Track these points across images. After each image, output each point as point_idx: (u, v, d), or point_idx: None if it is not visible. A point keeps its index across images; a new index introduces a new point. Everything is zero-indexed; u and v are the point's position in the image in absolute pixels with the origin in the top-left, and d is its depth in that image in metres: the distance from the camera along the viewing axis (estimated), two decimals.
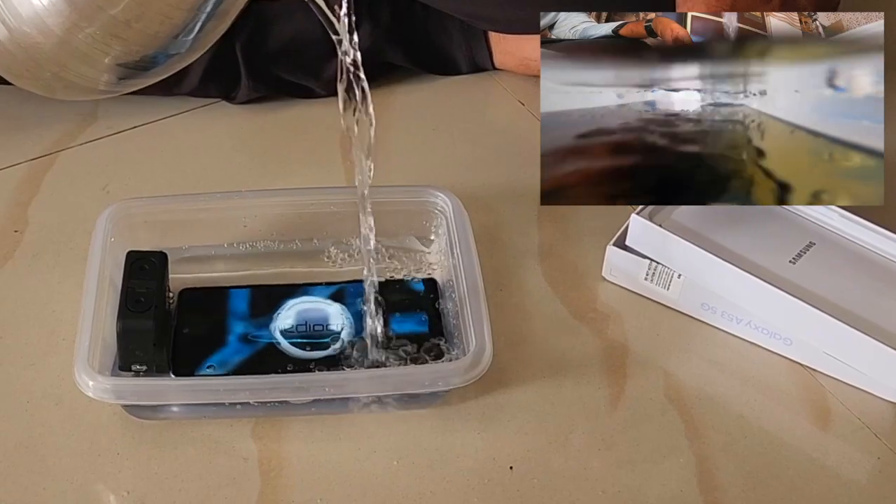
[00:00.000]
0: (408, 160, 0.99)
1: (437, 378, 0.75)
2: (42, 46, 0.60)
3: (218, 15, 0.62)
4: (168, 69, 0.65)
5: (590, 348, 0.83)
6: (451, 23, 1.06)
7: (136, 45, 0.61)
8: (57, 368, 0.79)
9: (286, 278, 0.85)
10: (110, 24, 0.59)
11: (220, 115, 1.04)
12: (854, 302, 0.79)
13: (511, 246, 0.90)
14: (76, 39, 0.59)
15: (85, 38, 0.59)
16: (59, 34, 0.59)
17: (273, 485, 0.73)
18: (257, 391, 0.74)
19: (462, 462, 0.75)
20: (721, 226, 0.84)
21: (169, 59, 0.64)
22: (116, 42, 0.60)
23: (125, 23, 0.59)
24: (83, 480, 0.73)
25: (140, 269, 0.78)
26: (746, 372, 0.81)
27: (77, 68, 0.61)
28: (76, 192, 0.94)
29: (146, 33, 0.61)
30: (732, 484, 0.74)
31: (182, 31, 0.62)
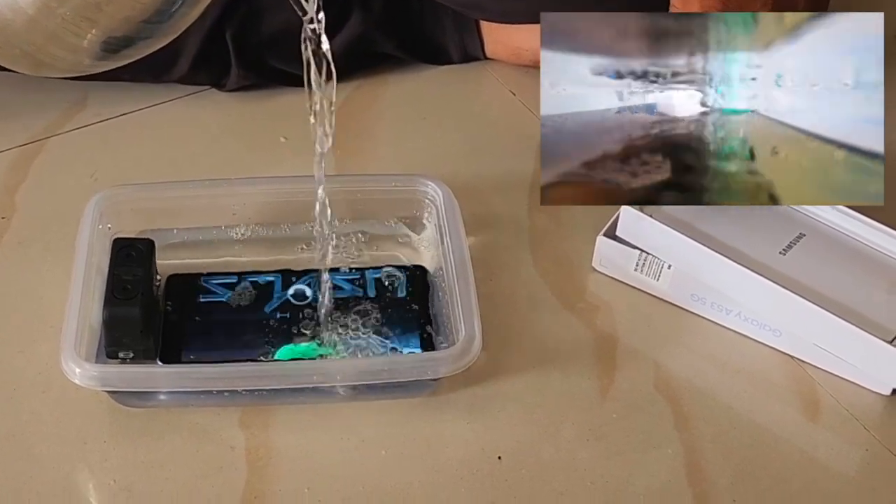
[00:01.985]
0: (398, 149, 0.99)
1: (426, 367, 0.75)
2: (12, 24, 0.60)
3: (189, 1, 0.62)
4: (141, 51, 0.65)
5: (580, 339, 0.83)
6: (443, 12, 1.06)
7: (108, 27, 0.61)
8: (44, 356, 0.78)
9: (274, 265, 0.85)
10: (81, 6, 0.59)
11: (209, 102, 1.03)
12: (844, 293, 0.79)
13: (501, 236, 0.90)
14: (47, 19, 0.59)
15: (56, 18, 0.59)
16: (30, 13, 0.59)
17: (260, 473, 0.73)
18: (244, 379, 0.74)
19: (451, 452, 0.75)
20: (711, 217, 0.83)
21: (142, 42, 0.64)
22: (87, 24, 0.60)
23: (96, 5, 0.59)
24: (70, 468, 0.73)
25: (127, 256, 0.78)
26: (736, 363, 0.81)
27: (48, 48, 0.61)
28: (64, 179, 0.94)
29: (117, 16, 0.61)
30: (721, 475, 0.74)
31: (153, 15, 0.62)
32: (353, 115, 1.02)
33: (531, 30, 1.04)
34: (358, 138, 0.99)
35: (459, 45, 1.08)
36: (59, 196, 0.92)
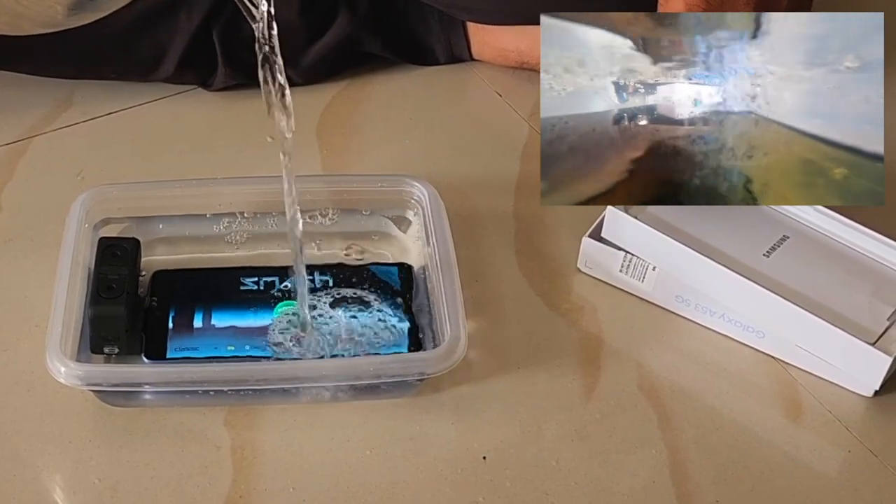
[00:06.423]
0: (384, 149, 0.99)
1: (412, 367, 0.75)
2: None
3: None
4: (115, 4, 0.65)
5: (564, 340, 0.83)
6: (430, 12, 1.06)
7: None
8: (29, 354, 0.78)
9: (260, 261, 0.85)
10: None
11: (196, 102, 1.03)
12: (827, 295, 0.80)
13: (487, 236, 0.90)
14: None
15: None
16: None
17: (245, 473, 0.73)
18: (228, 379, 0.74)
19: (435, 452, 0.75)
20: (696, 219, 0.84)
21: None
22: None
23: None
24: (54, 468, 0.73)
25: (112, 255, 0.78)
26: (719, 364, 0.82)
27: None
28: (50, 178, 0.94)
29: None
30: (704, 475, 0.75)
31: None
32: (340, 116, 1.02)
33: (517, 31, 1.04)
34: (344, 138, 0.99)
35: (446, 46, 1.08)
36: (46, 195, 0.92)
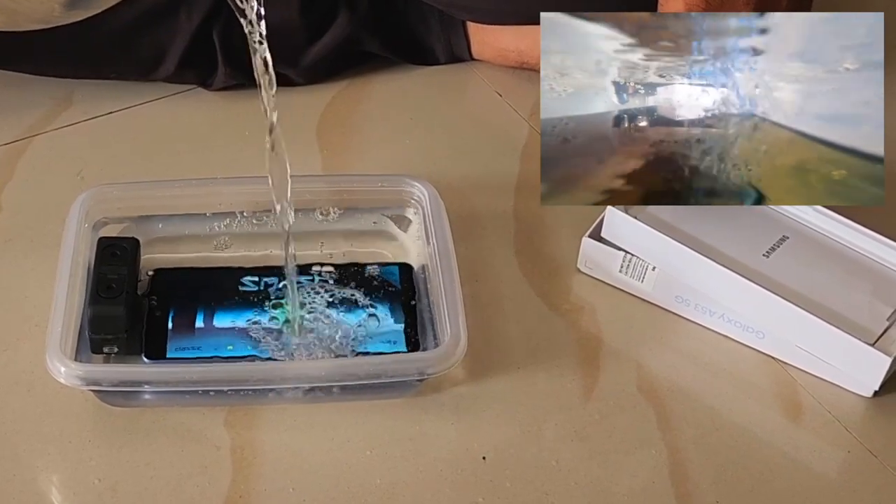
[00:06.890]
0: (384, 149, 0.99)
1: (412, 367, 0.75)
2: None
3: None
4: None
5: (564, 340, 0.83)
6: (430, 12, 1.06)
7: None
8: (29, 354, 0.78)
9: (260, 261, 0.85)
10: None
11: (196, 101, 1.03)
12: (827, 296, 0.80)
13: (487, 236, 0.90)
14: None
15: None
16: None
17: (245, 473, 0.73)
18: (228, 379, 0.74)
19: (435, 452, 0.75)
20: (696, 219, 0.84)
21: None
22: None
23: None
24: (54, 468, 0.73)
25: (112, 255, 0.78)
26: (719, 365, 0.82)
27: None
28: (50, 178, 0.94)
29: None
30: (703, 476, 0.75)
31: None
32: (340, 115, 1.02)
33: (517, 31, 1.04)
34: (344, 138, 1.00)
35: (446, 46, 1.08)
36: (46, 194, 0.92)
